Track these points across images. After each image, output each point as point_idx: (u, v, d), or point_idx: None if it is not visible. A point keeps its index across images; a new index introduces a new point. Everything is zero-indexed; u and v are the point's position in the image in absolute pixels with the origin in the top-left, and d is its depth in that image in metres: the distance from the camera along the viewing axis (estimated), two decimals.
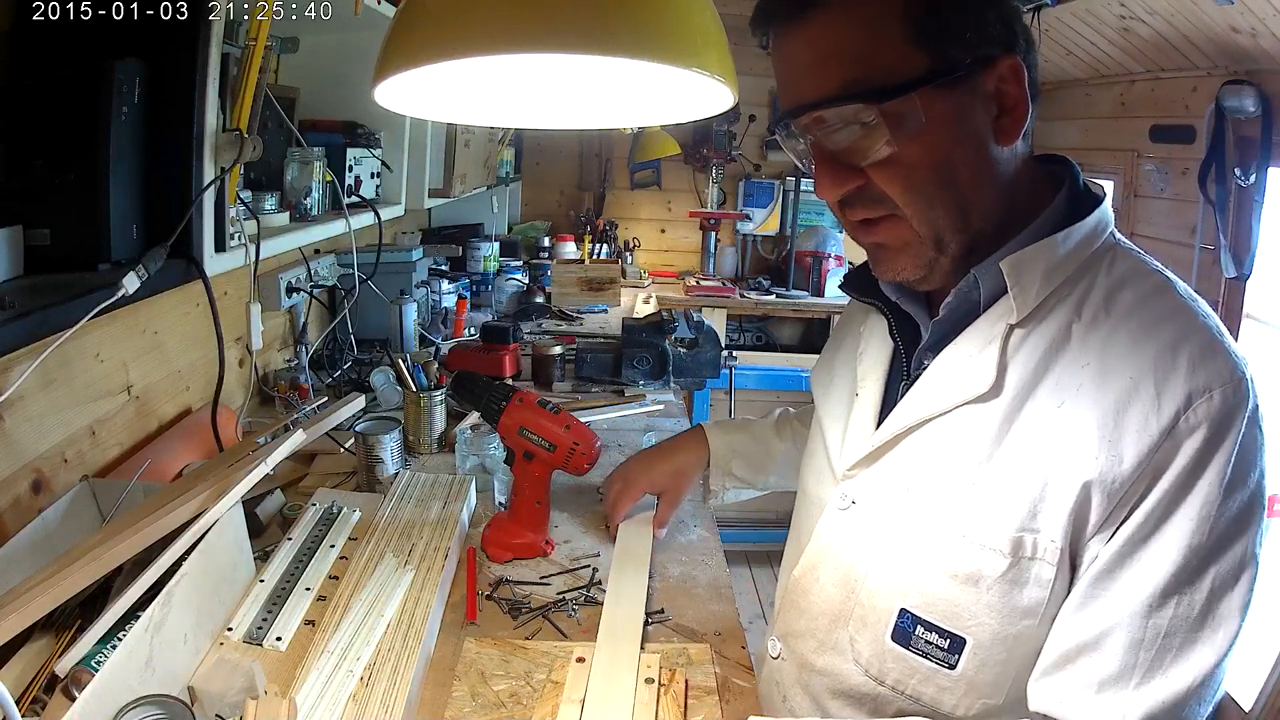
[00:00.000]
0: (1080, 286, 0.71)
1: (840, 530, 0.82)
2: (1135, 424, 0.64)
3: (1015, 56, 0.68)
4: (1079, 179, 0.77)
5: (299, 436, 1.05)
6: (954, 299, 0.74)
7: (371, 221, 1.73)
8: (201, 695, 0.83)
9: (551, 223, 3.93)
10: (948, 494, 0.72)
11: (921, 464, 0.75)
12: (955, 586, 0.70)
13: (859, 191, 0.70)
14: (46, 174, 0.99)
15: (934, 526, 0.72)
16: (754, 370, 3.35)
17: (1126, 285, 0.70)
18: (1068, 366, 0.68)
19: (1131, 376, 0.65)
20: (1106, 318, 0.69)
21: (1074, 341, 0.69)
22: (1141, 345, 0.66)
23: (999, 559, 0.68)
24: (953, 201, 0.69)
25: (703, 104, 0.72)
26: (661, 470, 1.22)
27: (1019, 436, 0.69)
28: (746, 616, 3.15)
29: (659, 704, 0.88)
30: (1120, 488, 0.64)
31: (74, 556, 0.80)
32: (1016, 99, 0.68)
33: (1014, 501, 0.68)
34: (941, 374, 0.75)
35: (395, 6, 1.51)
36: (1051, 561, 0.67)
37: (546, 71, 0.76)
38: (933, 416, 0.74)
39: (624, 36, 0.54)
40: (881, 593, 0.76)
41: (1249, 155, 2.19)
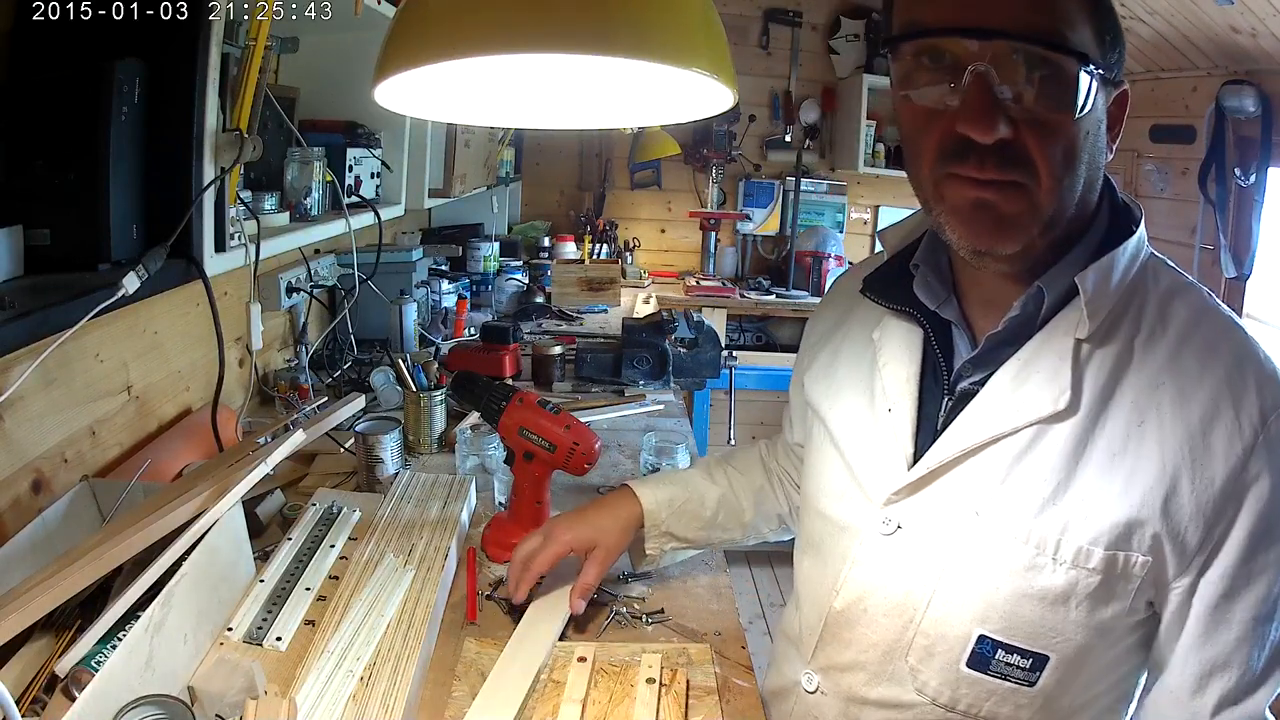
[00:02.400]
0: (1135, 301, 0.72)
1: (887, 557, 0.77)
2: (1221, 445, 0.66)
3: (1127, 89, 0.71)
4: (1115, 191, 0.77)
5: (299, 436, 1.05)
6: (1019, 311, 0.72)
7: (371, 221, 1.73)
8: (201, 695, 0.83)
9: (551, 223, 3.92)
10: (1027, 515, 0.70)
11: (989, 486, 0.72)
12: (1043, 607, 0.70)
13: (1001, 145, 0.64)
14: (46, 174, 0.99)
15: (1016, 549, 0.70)
16: (754, 370, 3.35)
17: (1175, 298, 0.72)
18: (1141, 384, 0.69)
19: (1210, 397, 0.67)
20: (1165, 333, 0.70)
21: (1138, 358, 0.70)
22: (1209, 365, 0.68)
23: (1092, 577, 0.68)
24: (1080, 189, 0.69)
25: (703, 104, 0.72)
26: (591, 526, 1.02)
27: (1101, 454, 0.69)
28: (746, 616, 3.15)
29: (660, 704, 0.88)
30: (1214, 509, 0.66)
31: (74, 556, 0.80)
32: (1117, 123, 0.71)
33: (1105, 520, 0.68)
34: (1006, 391, 0.72)
35: (395, 6, 1.51)
36: (1140, 575, 0.68)
37: (546, 71, 0.76)
38: (1000, 436, 0.72)
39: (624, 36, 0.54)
40: (952, 620, 0.73)
41: (1249, 155, 2.19)
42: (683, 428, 1.78)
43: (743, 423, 3.57)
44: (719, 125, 3.68)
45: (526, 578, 1.00)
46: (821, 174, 3.87)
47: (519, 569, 1.00)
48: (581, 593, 0.99)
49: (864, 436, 0.82)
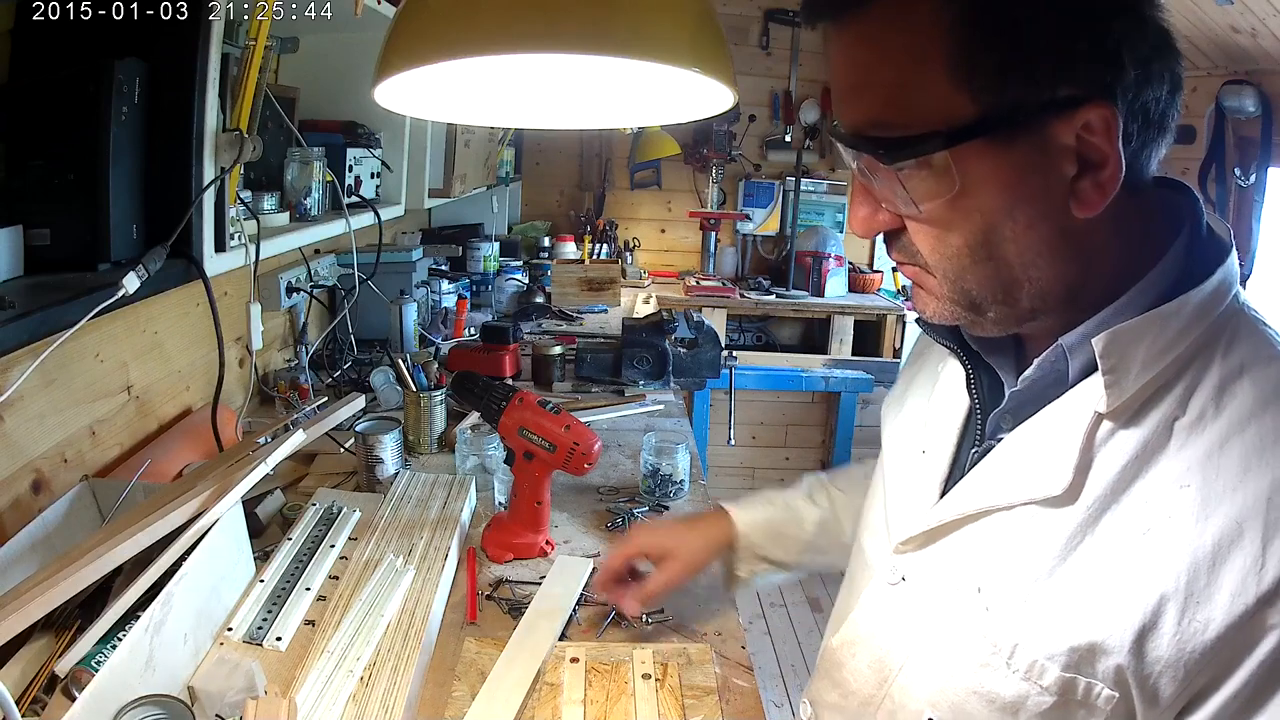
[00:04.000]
0: (1190, 371, 0.56)
1: (884, 607, 0.72)
2: (1231, 584, 0.51)
3: (1109, 103, 0.51)
4: (1201, 219, 0.60)
5: (299, 436, 1.05)
6: (1036, 371, 0.61)
7: (371, 221, 1.73)
8: (201, 695, 0.83)
9: (551, 223, 3.93)
10: (997, 607, 0.61)
11: (978, 561, 0.63)
12: (990, 711, 0.61)
13: (894, 234, 0.60)
14: (46, 174, 0.99)
15: (977, 642, 0.61)
16: (754, 370, 3.35)
17: (1245, 374, 0.55)
18: (1161, 481, 0.55)
19: (1237, 518, 0.52)
20: (1215, 418, 0.55)
21: (1173, 446, 0.55)
22: (1254, 471, 0.53)
23: (1044, 696, 0.58)
24: (992, 277, 0.57)
25: (703, 104, 0.72)
26: (671, 536, 0.99)
27: (1089, 558, 0.57)
28: (746, 616, 3.15)
29: (658, 699, 0.88)
30: (1202, 658, 0.52)
31: (74, 556, 0.80)
32: (1104, 158, 0.52)
33: (1068, 637, 0.57)
34: (1010, 459, 0.62)
35: (395, 6, 1.51)
36: (1104, 709, 0.56)
37: (546, 71, 0.76)
38: (995, 509, 0.62)
39: (624, 36, 0.54)
40: (911, 693, 0.67)
41: (1249, 155, 2.20)
42: (683, 428, 1.78)
43: (742, 423, 3.57)
44: (719, 125, 3.68)
45: (602, 582, 1.00)
46: (821, 174, 3.87)
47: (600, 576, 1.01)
48: (641, 596, 0.96)
49: (903, 474, 0.75)
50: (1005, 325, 0.61)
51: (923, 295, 0.62)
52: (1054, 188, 0.53)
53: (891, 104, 0.53)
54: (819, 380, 3.32)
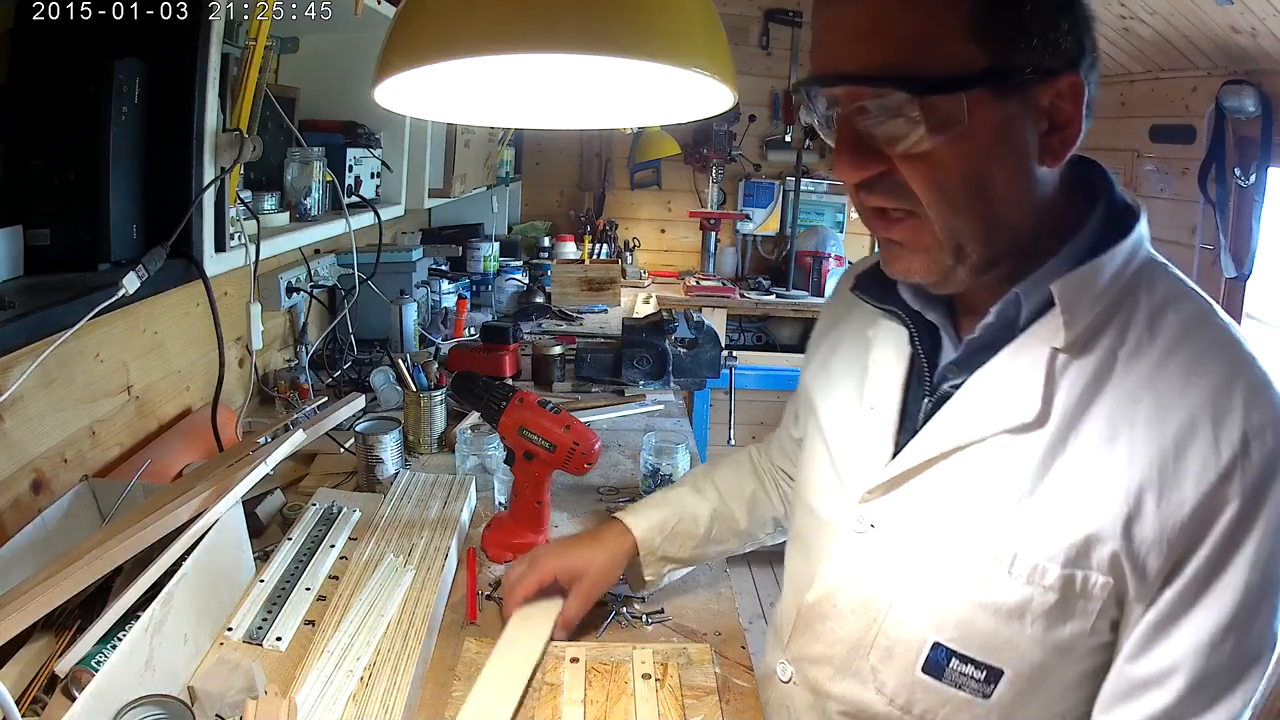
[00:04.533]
0: (1124, 309, 0.68)
1: (858, 556, 0.77)
2: (1194, 467, 0.62)
3: (1078, 74, 0.63)
4: (1115, 188, 0.72)
5: (299, 436, 1.05)
6: (995, 318, 0.70)
7: (371, 221, 1.73)
8: (201, 695, 0.83)
9: (551, 223, 3.92)
10: (988, 527, 0.68)
11: (956, 493, 0.71)
12: (997, 620, 0.68)
13: (880, 178, 0.66)
14: (46, 174, 0.99)
15: (973, 560, 0.69)
16: (754, 370, 3.35)
17: (1168, 308, 0.68)
18: (1118, 398, 0.66)
19: (1189, 415, 0.63)
20: (1151, 345, 0.66)
21: (1120, 370, 0.66)
22: (1194, 380, 0.64)
23: (1048, 594, 0.66)
24: (981, 214, 0.65)
25: (703, 104, 0.72)
26: (578, 557, 1.02)
27: (1067, 470, 0.66)
28: (746, 616, 3.16)
29: (658, 699, 0.88)
30: (1179, 533, 0.63)
31: (74, 556, 0.80)
32: (1070, 118, 0.64)
33: (1064, 538, 0.65)
34: (978, 398, 0.70)
35: (395, 6, 1.51)
36: (1100, 596, 0.66)
37: (546, 71, 0.76)
38: (969, 443, 0.70)
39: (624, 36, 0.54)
40: (910, 623, 0.73)
41: (1249, 155, 2.19)
42: (683, 428, 1.78)
43: (742, 423, 3.57)
44: (719, 125, 3.68)
45: (509, 603, 1.01)
46: (821, 174, 3.86)
47: (506, 592, 1.02)
48: (564, 625, 0.99)
49: (849, 433, 0.81)
50: (974, 274, 0.68)
51: (905, 254, 0.69)
52: (1031, 141, 0.64)
53: (911, 49, 0.61)
54: None
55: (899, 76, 0.60)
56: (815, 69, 0.66)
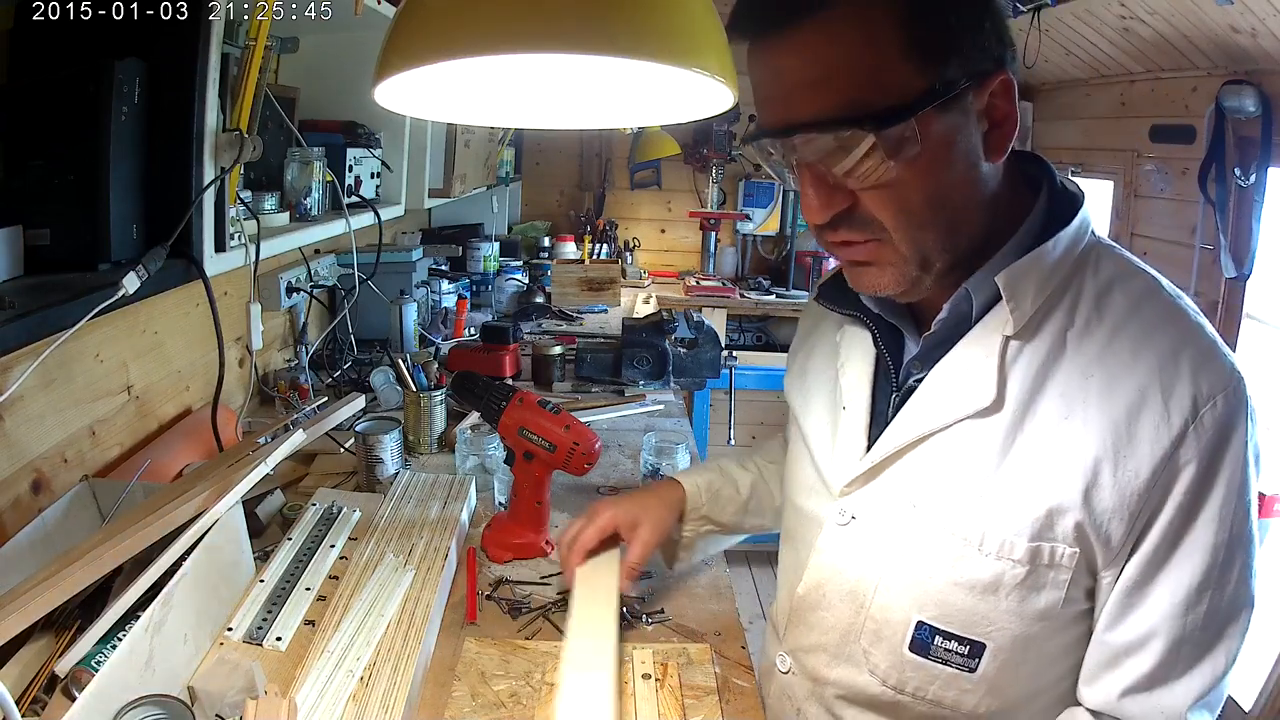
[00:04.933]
0: (1070, 292, 0.71)
1: (842, 546, 0.81)
2: (1147, 435, 0.65)
3: (1006, 71, 0.66)
4: (1055, 178, 0.76)
5: (299, 436, 1.05)
6: (947, 313, 0.73)
7: (371, 221, 1.73)
8: (201, 695, 0.83)
9: (551, 223, 3.92)
10: (956, 508, 0.72)
11: (925, 479, 0.74)
12: (973, 597, 0.71)
13: (846, 213, 0.68)
14: (46, 174, 0.99)
15: (945, 541, 0.72)
16: (754, 370, 3.35)
17: (1115, 287, 0.71)
18: (1070, 376, 0.69)
19: (1138, 387, 0.66)
20: (1100, 323, 0.69)
21: (1070, 350, 0.69)
22: (1142, 353, 0.67)
23: (1017, 568, 0.69)
24: (944, 223, 0.68)
25: (703, 104, 0.72)
26: (635, 505, 1.03)
27: (1026, 449, 0.69)
28: (746, 616, 3.15)
29: (658, 699, 0.88)
30: (1139, 500, 0.65)
31: (74, 556, 0.80)
32: (1005, 114, 0.67)
33: (1028, 513, 0.68)
34: (938, 388, 0.74)
35: (395, 6, 1.51)
36: (1069, 566, 0.68)
37: (546, 71, 0.76)
38: (933, 431, 0.74)
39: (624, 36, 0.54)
40: (894, 606, 0.76)
41: (1249, 155, 2.19)
42: (683, 428, 1.78)
43: (742, 423, 3.57)
44: (719, 125, 3.67)
45: (573, 556, 1.01)
46: None
47: (566, 550, 1.02)
48: (629, 572, 1.00)
49: (826, 433, 0.85)
50: (939, 279, 0.71)
51: (872, 271, 0.71)
52: (975, 143, 0.67)
53: (858, 87, 0.63)
54: None
55: (853, 117, 0.62)
56: (767, 121, 0.68)
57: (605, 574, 1.00)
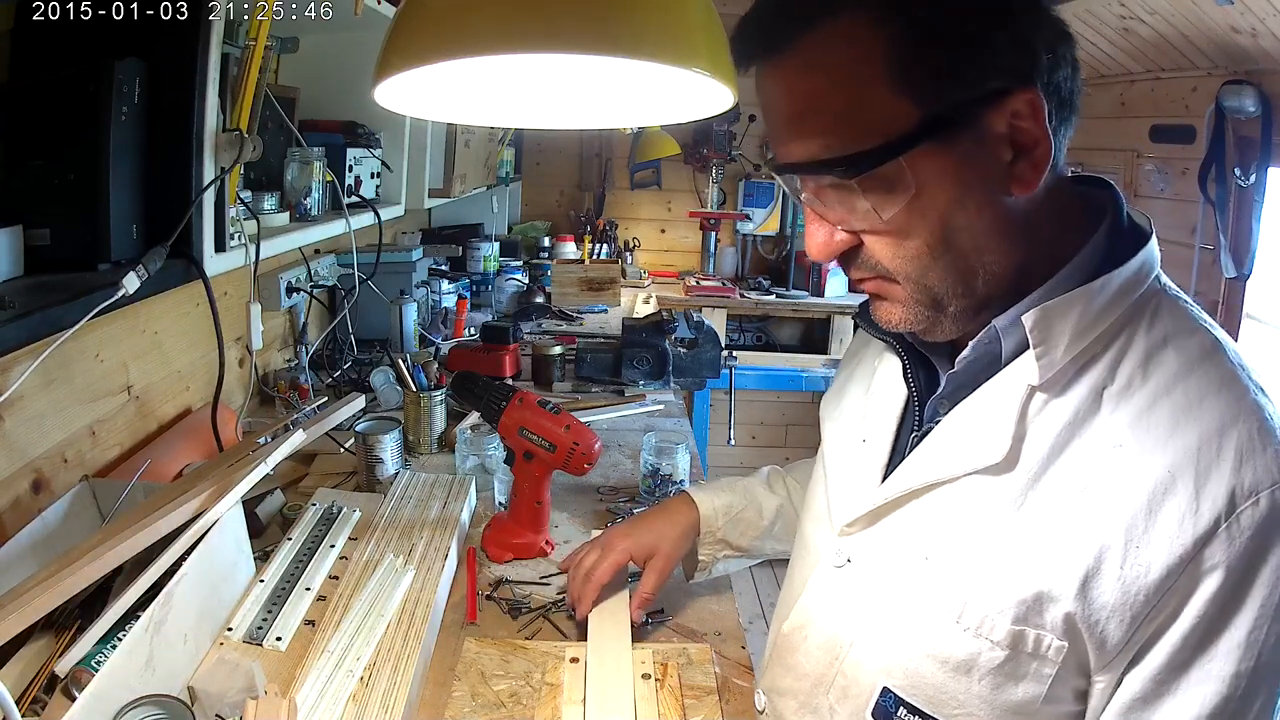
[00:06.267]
0: (1117, 344, 0.61)
1: (833, 590, 0.74)
2: (1168, 528, 0.55)
3: (1033, 88, 0.56)
4: (1122, 209, 0.65)
5: (299, 436, 1.05)
6: (971, 352, 0.65)
7: (371, 221, 1.73)
8: (201, 695, 0.83)
9: (551, 223, 3.93)
10: (942, 572, 0.64)
11: (923, 533, 0.66)
12: (943, 673, 0.63)
13: (853, 251, 0.63)
14: (46, 174, 0.99)
15: (927, 606, 0.64)
16: (754, 370, 3.35)
17: (1169, 344, 0.60)
18: (1096, 443, 0.59)
19: (1168, 468, 0.56)
20: (1143, 384, 0.59)
21: (1105, 411, 0.59)
22: (1182, 427, 0.57)
23: (995, 650, 0.61)
24: (951, 269, 0.60)
25: (703, 104, 0.72)
26: (650, 533, 1.01)
27: (1031, 518, 0.60)
28: (746, 617, 3.16)
29: (658, 699, 0.88)
30: (1145, 602, 0.55)
31: (74, 556, 0.80)
32: (1034, 139, 0.57)
33: (1014, 592, 0.60)
34: (951, 435, 0.66)
35: (395, 6, 1.51)
36: (1055, 660, 0.59)
37: (546, 71, 0.76)
38: (940, 482, 0.65)
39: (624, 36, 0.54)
40: (865, 666, 0.69)
41: (1249, 155, 2.19)
42: (683, 428, 1.78)
43: (742, 423, 3.57)
44: (719, 125, 3.68)
45: (588, 591, 0.99)
46: None
47: (580, 583, 0.99)
48: (641, 603, 0.98)
49: (844, 463, 0.78)
50: (962, 322, 0.64)
51: (885, 305, 0.65)
52: (994, 174, 0.58)
53: (842, 124, 0.57)
54: (819, 380, 3.32)
55: (833, 159, 0.57)
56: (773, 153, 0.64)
57: (618, 610, 1.00)
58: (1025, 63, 0.56)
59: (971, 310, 0.63)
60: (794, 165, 0.60)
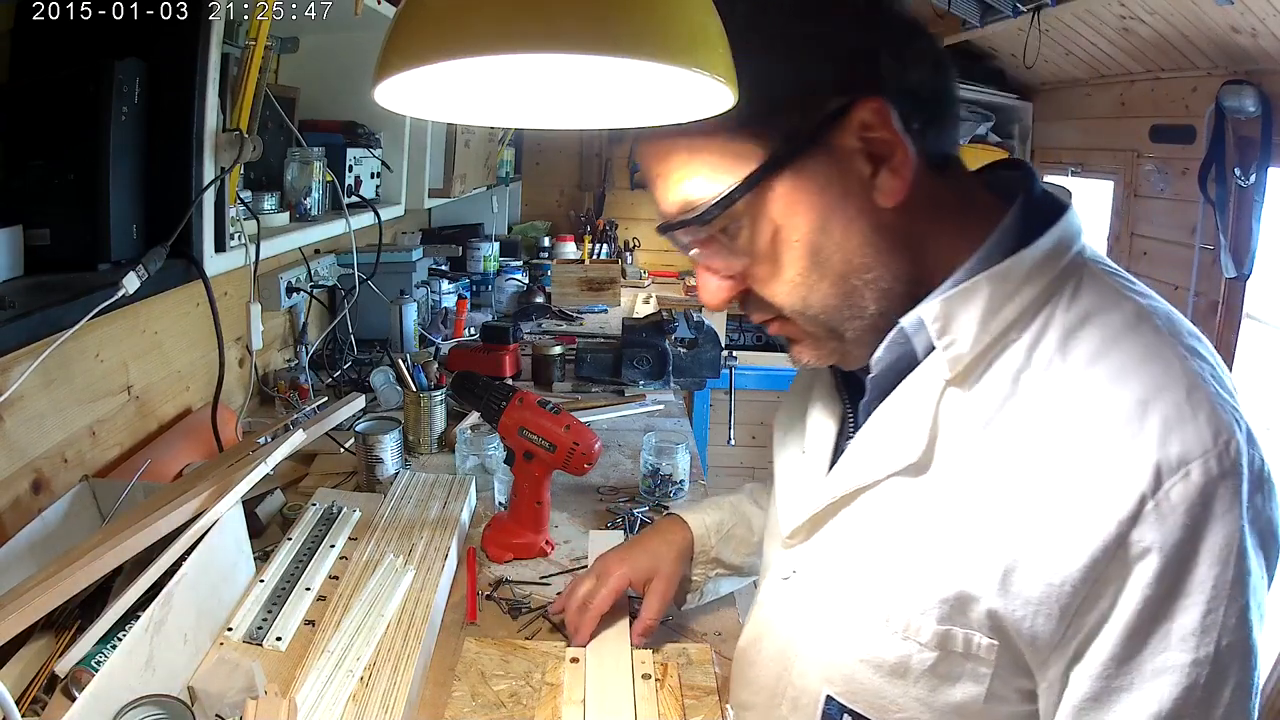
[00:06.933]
0: (1034, 326, 0.58)
1: (781, 602, 0.74)
2: (1088, 513, 0.52)
3: (876, 97, 0.55)
4: (1035, 186, 0.63)
5: (299, 436, 1.05)
6: (885, 354, 0.62)
7: (371, 221, 1.73)
8: (201, 695, 0.83)
9: (551, 223, 3.93)
10: (869, 577, 0.63)
11: (857, 539, 0.65)
12: (879, 677, 0.62)
13: (747, 298, 0.64)
14: (46, 174, 0.99)
15: (859, 612, 0.63)
16: (754, 370, 3.35)
17: (1090, 321, 0.57)
18: (1012, 432, 0.56)
19: (1087, 450, 0.53)
20: (1061, 367, 0.56)
21: (1022, 397, 0.56)
22: (1105, 406, 0.53)
23: (925, 652, 0.59)
24: (832, 293, 0.60)
25: (703, 104, 0.72)
26: (646, 557, 0.99)
27: (950, 515, 0.58)
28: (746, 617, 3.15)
29: (658, 699, 0.88)
30: (1074, 592, 0.52)
31: (74, 556, 0.80)
32: (890, 146, 0.56)
33: (936, 593, 0.58)
34: (871, 440, 0.64)
35: (395, 6, 1.51)
36: (988, 659, 0.57)
37: (546, 71, 0.76)
38: (865, 487, 0.64)
39: (624, 36, 0.54)
40: (810, 676, 0.68)
41: (1249, 155, 2.19)
42: (683, 428, 1.78)
43: (742, 423, 3.57)
44: None
45: (587, 621, 0.97)
46: None
47: (577, 613, 0.97)
48: (646, 630, 0.96)
49: (788, 476, 0.77)
50: (869, 344, 0.63)
51: (796, 347, 0.66)
52: (855, 190, 0.57)
53: (695, 176, 0.58)
54: None
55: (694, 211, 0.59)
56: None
57: (618, 638, 0.98)
58: (865, 71, 0.56)
59: (872, 330, 0.62)
60: (665, 225, 0.62)
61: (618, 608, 0.99)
